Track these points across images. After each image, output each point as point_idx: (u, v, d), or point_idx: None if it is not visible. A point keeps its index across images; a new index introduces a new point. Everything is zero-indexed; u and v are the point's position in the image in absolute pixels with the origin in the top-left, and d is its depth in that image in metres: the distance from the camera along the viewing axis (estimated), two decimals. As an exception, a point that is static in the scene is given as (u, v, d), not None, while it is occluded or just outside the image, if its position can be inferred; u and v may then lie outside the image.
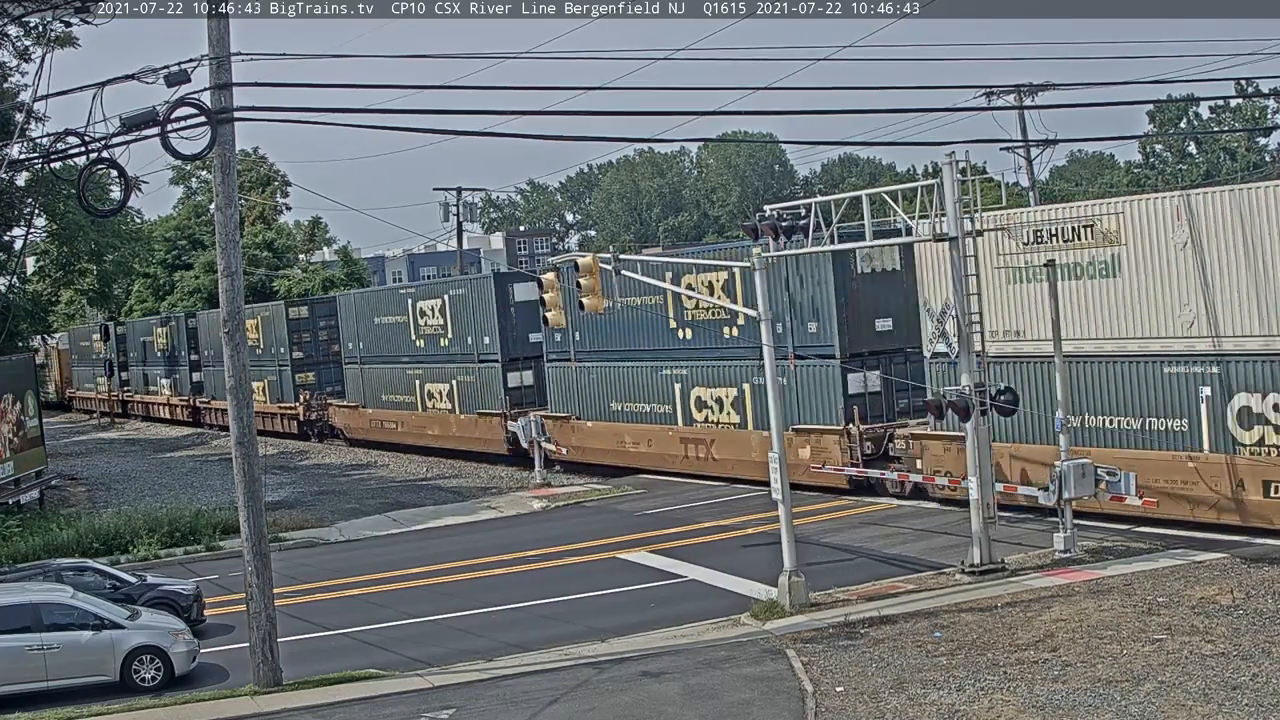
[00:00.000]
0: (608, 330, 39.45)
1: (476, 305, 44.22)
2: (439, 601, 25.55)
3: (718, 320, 35.96)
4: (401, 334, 48.93)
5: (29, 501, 40.53)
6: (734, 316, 34.54)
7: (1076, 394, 26.45)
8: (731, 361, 35.36)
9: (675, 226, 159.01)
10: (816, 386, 32.64)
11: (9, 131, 33.28)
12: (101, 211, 31.28)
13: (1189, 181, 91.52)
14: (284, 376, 59.50)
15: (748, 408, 34.98)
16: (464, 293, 45.46)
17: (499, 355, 43.45)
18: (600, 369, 40.39)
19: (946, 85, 74.32)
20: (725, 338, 35.70)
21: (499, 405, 43.16)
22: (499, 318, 42.67)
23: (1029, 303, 27.26)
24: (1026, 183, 52.31)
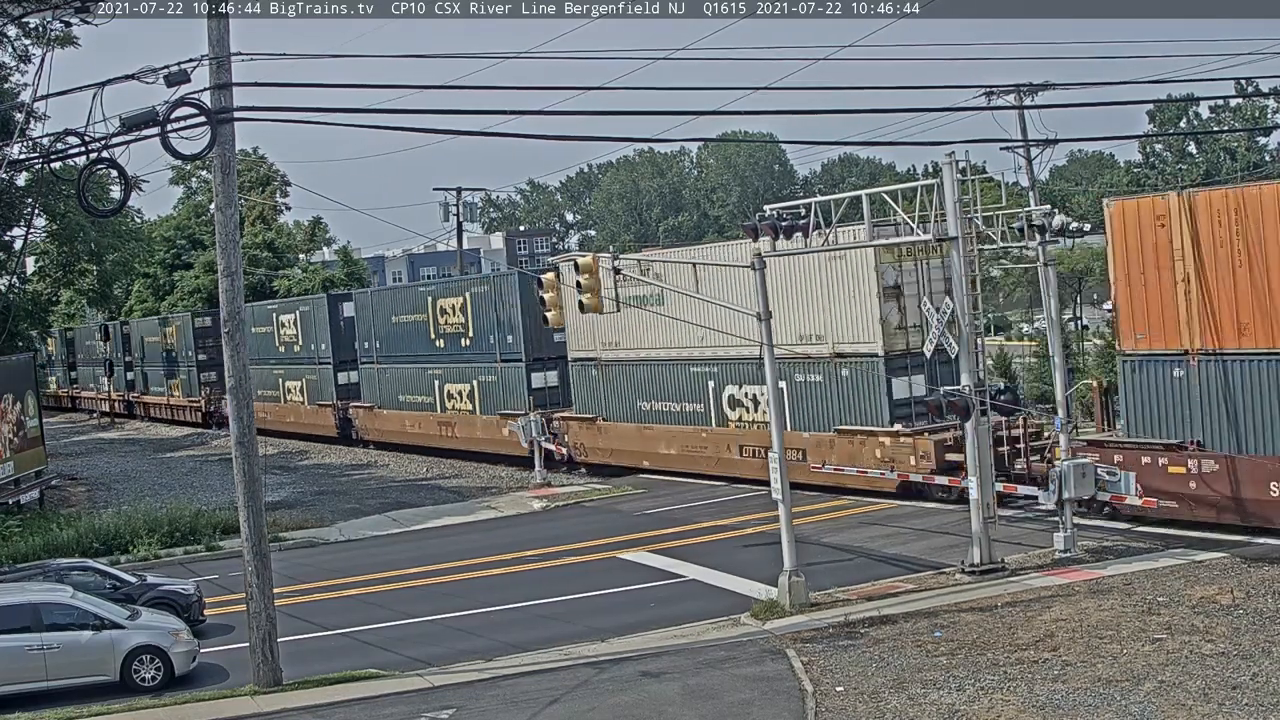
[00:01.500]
0: (396, 340, 51.02)
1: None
2: (439, 601, 25.55)
3: (457, 333, 46.65)
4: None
5: (29, 501, 40.52)
6: (466, 330, 45.89)
7: (644, 386, 39.01)
8: (466, 364, 46.20)
9: (675, 226, 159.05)
10: (514, 383, 43.53)
11: (9, 131, 33.27)
12: (101, 211, 31.26)
13: (1189, 180, 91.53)
14: (191, 376, 70.25)
15: (476, 398, 45.75)
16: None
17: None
18: (390, 370, 51.62)
19: (946, 85, 74.41)
20: (462, 347, 46.42)
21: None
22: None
23: (625, 321, 36.71)
24: (1026, 182, 52.27)
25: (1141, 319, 26.31)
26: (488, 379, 45.03)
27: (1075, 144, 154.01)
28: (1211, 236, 24.85)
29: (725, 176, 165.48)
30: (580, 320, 36.59)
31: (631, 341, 38.90)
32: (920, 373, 30.66)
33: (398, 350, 50.85)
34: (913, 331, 30.79)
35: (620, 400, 39.99)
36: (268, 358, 60.04)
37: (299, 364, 58.43)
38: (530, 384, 42.72)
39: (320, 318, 55.85)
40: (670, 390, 37.86)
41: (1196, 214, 24.99)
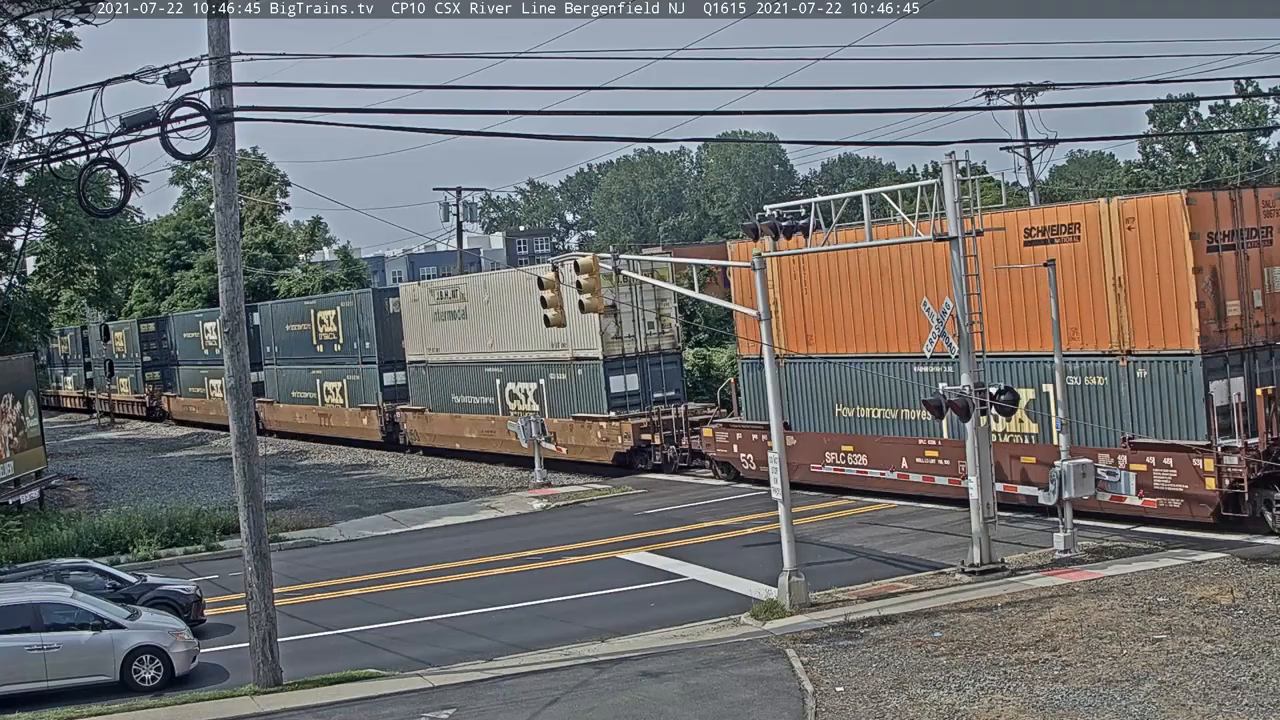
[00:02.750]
0: (289, 345, 59.25)
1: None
2: (439, 601, 25.55)
3: (332, 340, 55.69)
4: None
5: (29, 501, 40.50)
6: (338, 337, 54.95)
7: (455, 383, 47.15)
8: (338, 365, 54.85)
9: (675, 226, 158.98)
10: (368, 382, 52.70)
11: (9, 131, 33.27)
12: (101, 211, 31.27)
13: (1189, 181, 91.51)
14: (137, 375, 78.87)
15: (345, 394, 54.64)
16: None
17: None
18: (285, 370, 60.18)
19: (946, 85, 74.34)
20: (335, 351, 55.23)
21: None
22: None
23: (443, 332, 47.31)
24: (1026, 182, 52.32)
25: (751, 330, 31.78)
26: (353, 378, 53.78)
27: (1075, 144, 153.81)
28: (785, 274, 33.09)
29: (725, 176, 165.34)
30: (413, 328, 49.26)
31: (447, 348, 47.52)
32: (634, 372, 39.55)
33: (291, 354, 59.75)
34: (627, 340, 39.47)
35: (440, 395, 48.31)
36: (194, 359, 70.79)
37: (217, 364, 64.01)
38: (382, 382, 51.69)
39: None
40: (472, 386, 46.33)
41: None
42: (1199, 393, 24.89)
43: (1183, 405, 25.17)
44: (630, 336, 39.31)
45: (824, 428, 33.06)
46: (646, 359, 39.66)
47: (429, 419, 48.86)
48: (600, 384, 39.32)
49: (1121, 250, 25.62)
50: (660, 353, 39.81)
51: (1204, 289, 24.96)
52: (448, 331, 46.97)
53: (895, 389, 30.77)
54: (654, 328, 39.69)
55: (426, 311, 48.38)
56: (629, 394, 39.23)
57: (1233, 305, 25.41)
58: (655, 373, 39.45)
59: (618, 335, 39.15)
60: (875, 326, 31.37)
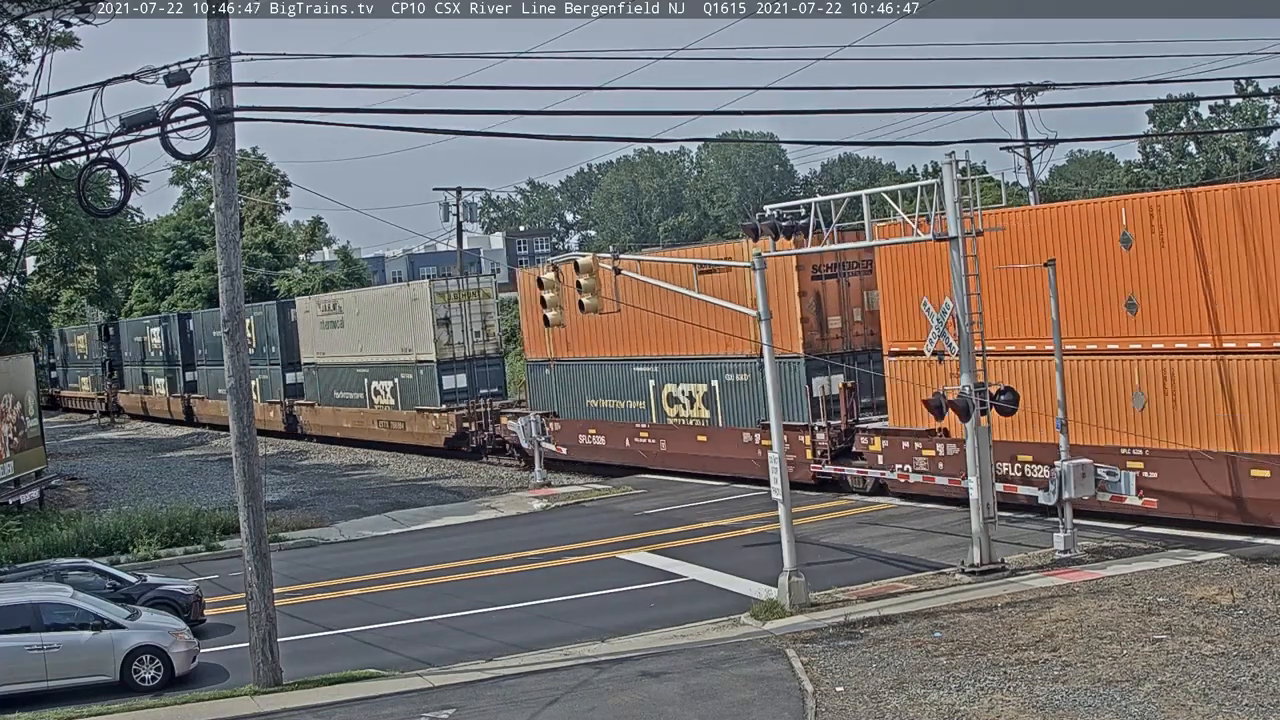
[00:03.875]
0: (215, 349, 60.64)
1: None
2: (439, 601, 25.55)
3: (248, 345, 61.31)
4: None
5: (29, 501, 40.52)
6: (252, 341, 57.32)
7: (337, 381, 54.89)
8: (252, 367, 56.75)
9: (675, 226, 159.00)
10: (275, 380, 60.07)
11: (9, 131, 33.27)
12: (101, 211, 31.27)
13: (1189, 181, 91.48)
14: (97, 374, 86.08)
15: (258, 390, 58.99)
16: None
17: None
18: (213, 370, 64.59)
19: (946, 85, 74.31)
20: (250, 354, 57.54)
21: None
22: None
23: (328, 339, 55.22)
24: (1026, 182, 52.32)
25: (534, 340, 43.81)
26: (263, 377, 60.07)
27: (1075, 144, 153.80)
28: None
29: (725, 176, 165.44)
30: (306, 335, 57.34)
31: (331, 352, 55.44)
32: (463, 372, 47.59)
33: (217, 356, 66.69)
34: (457, 346, 47.77)
35: (325, 391, 56.10)
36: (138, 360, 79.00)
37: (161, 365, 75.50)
38: (285, 380, 59.40)
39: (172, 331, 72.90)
40: (348, 384, 54.17)
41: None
42: (803, 387, 32.74)
43: (793, 396, 32.56)
44: (460, 343, 47.80)
45: (579, 415, 41.61)
46: (473, 362, 47.98)
47: (317, 411, 56.77)
48: (434, 382, 47.82)
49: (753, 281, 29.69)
50: (485, 356, 48.18)
51: (808, 308, 32.98)
52: (331, 338, 55.26)
53: (621, 385, 39.71)
54: (480, 335, 48.20)
55: (316, 321, 56.45)
56: (458, 390, 47.41)
57: (834, 320, 33.40)
58: (480, 373, 47.91)
59: (449, 342, 47.66)
60: (610, 336, 39.32)
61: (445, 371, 47.57)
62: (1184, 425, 24.89)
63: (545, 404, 43.15)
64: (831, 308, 33.25)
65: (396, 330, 50.01)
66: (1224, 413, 24.27)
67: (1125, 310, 25.89)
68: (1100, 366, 26.44)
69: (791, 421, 31.38)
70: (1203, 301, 24.43)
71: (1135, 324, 25.81)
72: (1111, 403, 26.23)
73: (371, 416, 52.22)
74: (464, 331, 47.87)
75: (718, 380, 35.82)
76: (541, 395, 43.47)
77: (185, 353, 70.53)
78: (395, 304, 50.86)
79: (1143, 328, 25.70)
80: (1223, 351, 24.04)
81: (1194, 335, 24.46)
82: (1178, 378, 25.07)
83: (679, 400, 37.55)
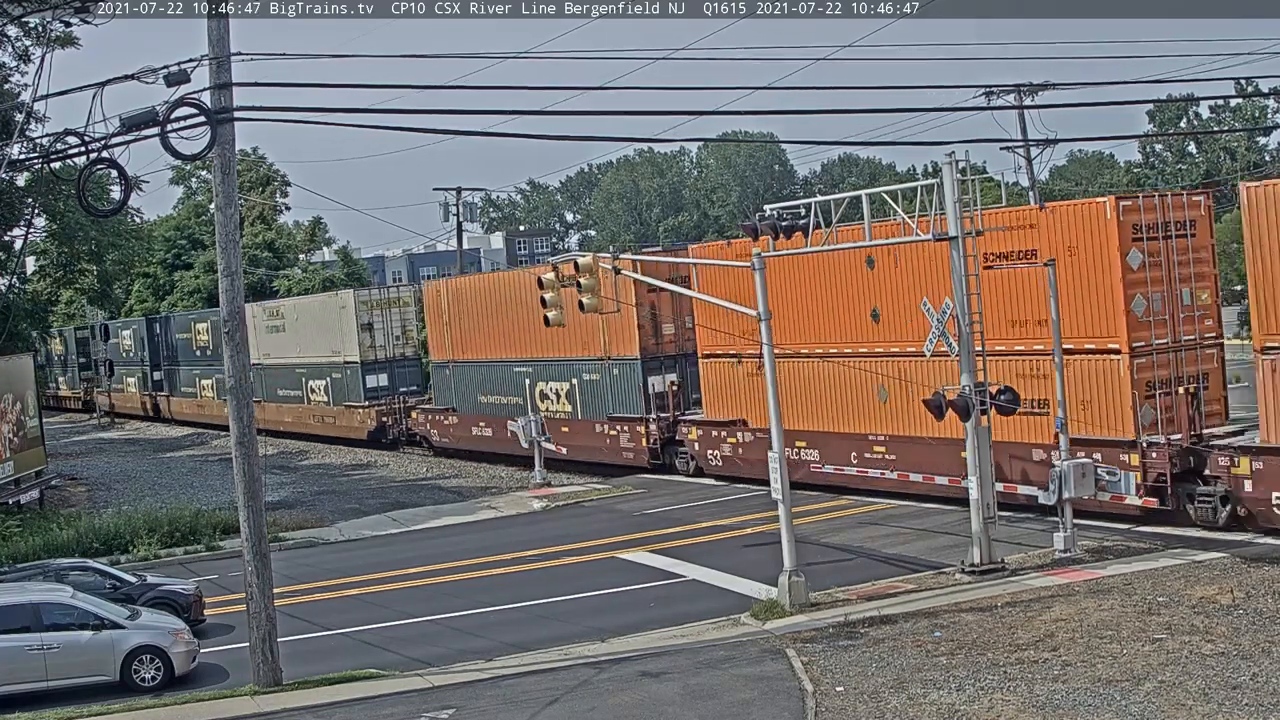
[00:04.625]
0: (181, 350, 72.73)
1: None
2: (439, 601, 25.55)
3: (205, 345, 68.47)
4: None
5: (29, 501, 40.51)
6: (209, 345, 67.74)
7: (277, 382, 60.17)
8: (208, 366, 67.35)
9: (675, 226, 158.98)
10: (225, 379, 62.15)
11: (9, 131, 33.27)
12: (101, 211, 31.24)
13: (1189, 181, 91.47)
14: (74, 373, 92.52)
15: (214, 389, 66.01)
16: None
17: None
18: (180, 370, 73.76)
19: (946, 85, 74.32)
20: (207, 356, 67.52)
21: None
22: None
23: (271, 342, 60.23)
24: (1026, 182, 52.33)
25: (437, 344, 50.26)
26: (218, 376, 63.36)
27: (1075, 144, 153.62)
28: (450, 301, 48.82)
29: (725, 176, 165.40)
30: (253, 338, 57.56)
31: (274, 354, 60.41)
32: (385, 372, 53.29)
33: (180, 357, 73.06)
34: (379, 349, 53.57)
35: (270, 389, 61.13)
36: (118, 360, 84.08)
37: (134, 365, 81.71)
38: None
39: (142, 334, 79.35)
40: (287, 383, 60.07)
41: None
42: (639, 384, 38.53)
43: (632, 392, 38.87)
44: (382, 346, 53.70)
45: (473, 410, 47.09)
46: (394, 363, 53.74)
47: (264, 407, 60.10)
48: (359, 381, 53.61)
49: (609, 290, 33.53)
50: (404, 358, 53.90)
51: (645, 318, 38.56)
52: (274, 341, 60.27)
53: (504, 383, 45.19)
54: (400, 340, 54.01)
55: (262, 325, 60.48)
56: (381, 389, 53.51)
57: (667, 328, 39.06)
58: (400, 373, 53.73)
59: (372, 345, 53.55)
60: (495, 340, 45.38)
61: (369, 372, 53.54)
62: (918, 415, 28.03)
63: (447, 401, 48.92)
64: (665, 316, 39.00)
65: (328, 335, 55.71)
66: None
67: (870, 319, 30.90)
68: (843, 366, 31.74)
69: (631, 414, 39.00)
70: None
71: (879, 331, 30.78)
72: (860, 397, 31.52)
73: (308, 412, 58.60)
74: (385, 336, 53.86)
75: (577, 379, 41.57)
76: (444, 393, 49.40)
77: (153, 354, 76.84)
78: (327, 311, 56.24)
79: (884, 334, 30.66)
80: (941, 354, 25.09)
81: (921, 341, 25.77)
82: (911, 375, 29.57)
83: (549, 396, 43.37)
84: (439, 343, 49.34)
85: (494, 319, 45.46)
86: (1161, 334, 26.10)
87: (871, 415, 31.10)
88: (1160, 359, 26.04)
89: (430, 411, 50.46)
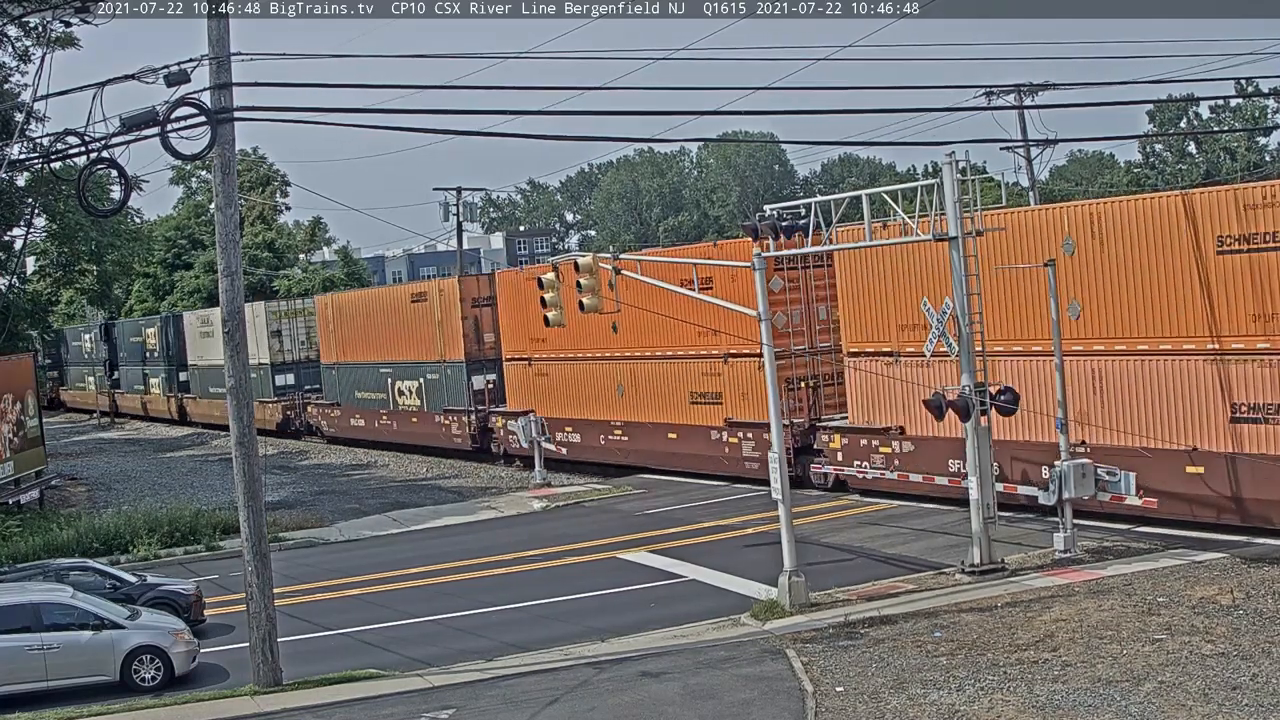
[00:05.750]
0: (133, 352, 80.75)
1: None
2: (439, 601, 25.55)
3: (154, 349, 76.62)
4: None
5: (29, 501, 40.50)
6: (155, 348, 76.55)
7: (209, 381, 65.28)
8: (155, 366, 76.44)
9: (675, 226, 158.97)
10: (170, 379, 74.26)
11: (9, 131, 33.27)
12: (101, 211, 31.24)
13: (1189, 181, 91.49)
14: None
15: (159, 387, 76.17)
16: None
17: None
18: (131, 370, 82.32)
19: (946, 85, 74.29)
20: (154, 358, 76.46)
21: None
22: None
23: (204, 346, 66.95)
24: (1026, 182, 52.32)
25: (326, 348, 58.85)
26: (164, 375, 74.83)
27: (1075, 144, 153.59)
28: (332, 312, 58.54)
29: (725, 176, 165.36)
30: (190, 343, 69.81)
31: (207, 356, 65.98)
32: (292, 373, 60.49)
33: (132, 359, 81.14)
34: (287, 353, 60.81)
35: (204, 387, 68.14)
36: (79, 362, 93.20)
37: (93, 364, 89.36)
38: (177, 379, 72.64)
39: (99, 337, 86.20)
40: (217, 381, 61.47)
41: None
42: (464, 383, 46.57)
43: (460, 389, 46.94)
44: (289, 350, 61.19)
45: (351, 404, 55.40)
46: (299, 365, 60.64)
47: (199, 403, 69.78)
48: (269, 381, 60.65)
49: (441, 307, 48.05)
50: (309, 361, 60.16)
51: (469, 327, 46.64)
52: (206, 345, 66.70)
53: (372, 381, 53.22)
54: (304, 344, 60.73)
55: (197, 332, 68.64)
56: (288, 386, 61.09)
57: (489, 336, 46.35)
58: (305, 374, 60.64)
59: (280, 349, 61.13)
60: (368, 344, 53.42)
61: (278, 372, 61.17)
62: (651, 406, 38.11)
63: (334, 397, 57.15)
64: (486, 326, 46.82)
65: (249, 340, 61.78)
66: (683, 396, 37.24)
67: (611, 330, 38.18)
68: (596, 367, 40.33)
69: (458, 407, 47.29)
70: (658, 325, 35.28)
71: (618, 340, 38.77)
72: (603, 392, 40.01)
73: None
74: (293, 341, 61.23)
75: (423, 378, 49.49)
76: (331, 390, 57.70)
77: (112, 354, 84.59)
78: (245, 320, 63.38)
79: (621, 342, 38.75)
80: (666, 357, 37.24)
81: (653, 346, 37.65)
82: (644, 374, 38.33)
83: (405, 392, 51.29)
84: (327, 347, 57.91)
85: (366, 328, 54.01)
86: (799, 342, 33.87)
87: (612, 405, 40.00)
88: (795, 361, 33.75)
89: (321, 406, 58.59)
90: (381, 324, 52.51)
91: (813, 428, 33.55)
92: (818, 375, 34.24)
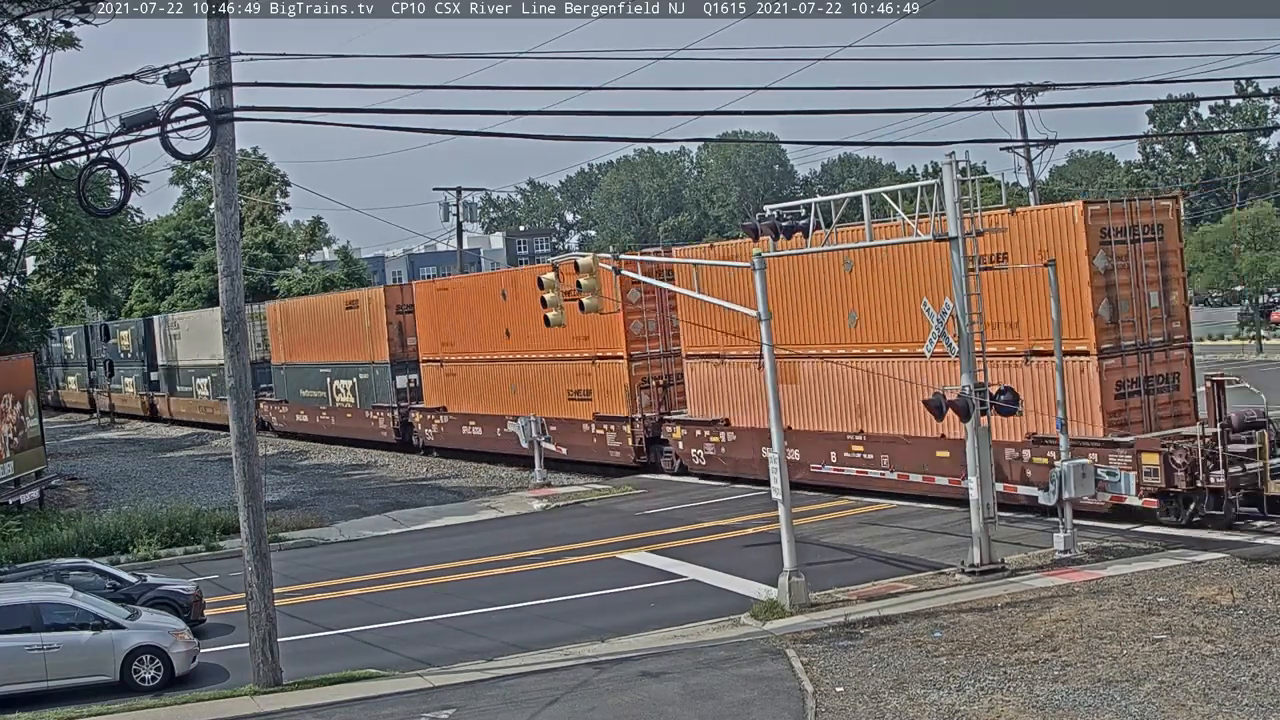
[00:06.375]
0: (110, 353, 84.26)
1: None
2: (439, 601, 25.55)
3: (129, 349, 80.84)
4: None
5: (29, 501, 40.48)
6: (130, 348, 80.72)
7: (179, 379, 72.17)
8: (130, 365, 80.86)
9: (675, 226, 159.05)
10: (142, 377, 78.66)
11: (9, 131, 33.27)
12: (101, 211, 31.22)
13: (1189, 181, 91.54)
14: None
15: (134, 386, 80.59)
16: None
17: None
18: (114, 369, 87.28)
19: (946, 85, 74.27)
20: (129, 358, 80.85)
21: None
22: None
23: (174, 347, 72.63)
24: (1026, 183, 52.33)
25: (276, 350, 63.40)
26: (136, 375, 79.65)
27: (1075, 144, 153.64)
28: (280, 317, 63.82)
29: (725, 176, 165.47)
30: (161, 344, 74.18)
31: (177, 357, 71.77)
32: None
33: (115, 360, 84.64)
34: (257, 353, 60.48)
35: (173, 385, 73.40)
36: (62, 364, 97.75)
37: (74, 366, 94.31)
38: (149, 378, 77.16)
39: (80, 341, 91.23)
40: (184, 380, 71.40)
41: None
42: (390, 382, 51.16)
43: (387, 388, 51.68)
44: (259, 350, 62.07)
45: (297, 401, 60.19)
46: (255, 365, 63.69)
47: (170, 400, 74.52)
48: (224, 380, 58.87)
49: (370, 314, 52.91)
50: (264, 361, 61.46)
51: (394, 331, 50.93)
52: (174, 347, 72.24)
53: (314, 380, 57.72)
54: (260, 346, 62.49)
55: (167, 334, 73.34)
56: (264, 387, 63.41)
57: (411, 340, 50.49)
58: (260, 373, 59.62)
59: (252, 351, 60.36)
60: (309, 346, 58.02)
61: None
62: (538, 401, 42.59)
63: (283, 394, 61.70)
64: (409, 331, 50.77)
65: (208, 342, 64.36)
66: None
67: (505, 335, 43.83)
68: (494, 369, 45.12)
69: (385, 404, 51.93)
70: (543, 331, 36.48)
71: (510, 344, 43.87)
72: (499, 390, 44.88)
73: (196, 404, 70.64)
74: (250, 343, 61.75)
75: (356, 377, 54.34)
76: (280, 388, 61.99)
77: (90, 355, 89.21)
78: (205, 323, 65.44)
79: (513, 346, 43.77)
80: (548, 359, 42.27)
81: (538, 350, 42.38)
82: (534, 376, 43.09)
83: (341, 390, 55.87)
84: (276, 349, 62.07)
85: (309, 332, 58.54)
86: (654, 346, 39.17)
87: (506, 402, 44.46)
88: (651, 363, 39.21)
89: (271, 403, 62.82)
90: (322, 329, 57.26)
91: (662, 421, 38.75)
92: (669, 375, 38.94)
